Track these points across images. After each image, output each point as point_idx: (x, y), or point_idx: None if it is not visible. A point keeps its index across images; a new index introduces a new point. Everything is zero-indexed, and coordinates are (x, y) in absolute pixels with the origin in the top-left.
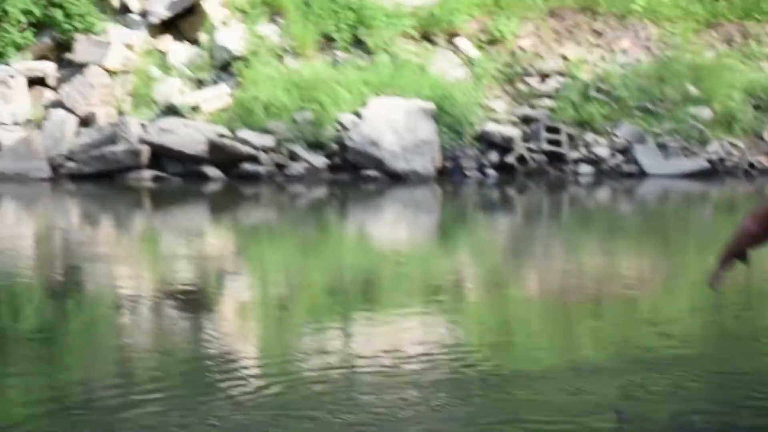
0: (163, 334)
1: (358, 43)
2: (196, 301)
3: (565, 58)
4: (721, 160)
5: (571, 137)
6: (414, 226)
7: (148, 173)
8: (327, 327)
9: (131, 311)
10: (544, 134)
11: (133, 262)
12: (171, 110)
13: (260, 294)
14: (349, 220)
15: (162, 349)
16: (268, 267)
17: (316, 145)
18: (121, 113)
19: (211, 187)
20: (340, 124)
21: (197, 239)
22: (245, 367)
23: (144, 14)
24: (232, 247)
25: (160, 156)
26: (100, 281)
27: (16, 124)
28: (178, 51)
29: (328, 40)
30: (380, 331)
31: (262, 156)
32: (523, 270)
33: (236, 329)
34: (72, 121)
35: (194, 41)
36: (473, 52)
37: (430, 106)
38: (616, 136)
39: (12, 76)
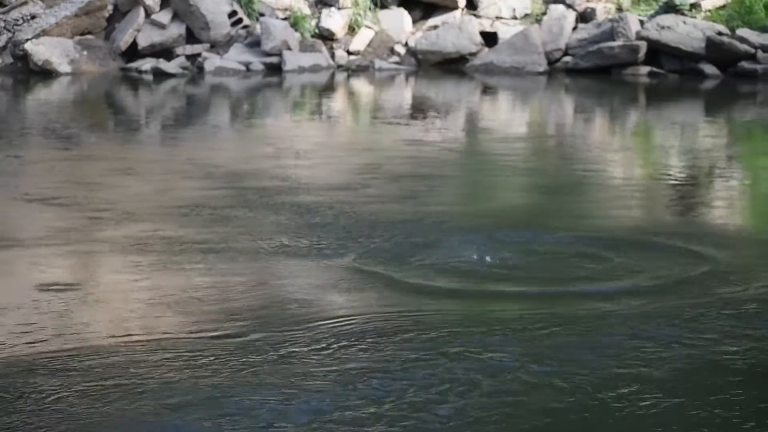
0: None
1: None
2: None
3: None
4: None
5: None
6: None
7: (644, 69)
8: None
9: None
10: None
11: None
12: (670, 7)
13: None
14: None
15: None
16: (757, 165)
17: None
18: (620, 9)
19: (707, 85)
20: None
21: (690, 134)
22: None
23: None
24: (723, 143)
25: (657, 52)
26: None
27: (514, 18)
28: None
29: None
30: None
31: (760, 54)
32: None
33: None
34: (571, 17)
35: None
36: None
37: None
38: None
39: None
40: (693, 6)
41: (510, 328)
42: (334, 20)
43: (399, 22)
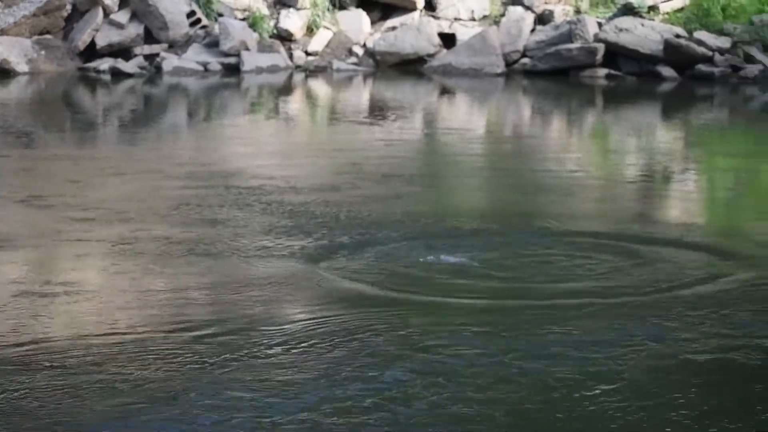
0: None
1: None
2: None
3: None
4: None
5: None
6: None
7: (602, 71)
8: None
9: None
10: None
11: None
12: (628, 9)
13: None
14: None
15: None
16: (716, 166)
17: None
18: (578, 11)
19: (665, 87)
20: None
21: (648, 136)
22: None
23: None
24: (680, 144)
25: (615, 54)
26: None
27: (473, 20)
28: None
29: None
30: None
31: (717, 57)
32: None
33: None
34: (529, 19)
35: None
36: None
37: None
38: None
39: None
40: (651, 8)
41: (489, 325)
42: (292, 21)
43: (357, 23)
